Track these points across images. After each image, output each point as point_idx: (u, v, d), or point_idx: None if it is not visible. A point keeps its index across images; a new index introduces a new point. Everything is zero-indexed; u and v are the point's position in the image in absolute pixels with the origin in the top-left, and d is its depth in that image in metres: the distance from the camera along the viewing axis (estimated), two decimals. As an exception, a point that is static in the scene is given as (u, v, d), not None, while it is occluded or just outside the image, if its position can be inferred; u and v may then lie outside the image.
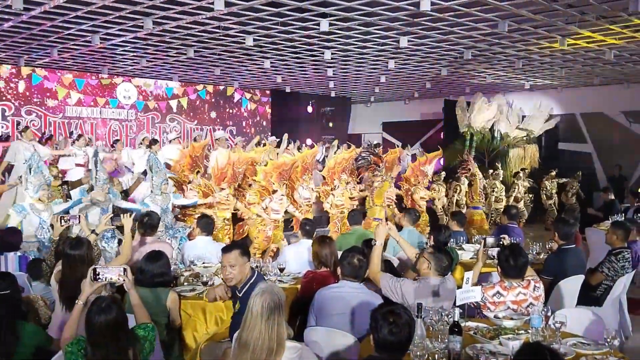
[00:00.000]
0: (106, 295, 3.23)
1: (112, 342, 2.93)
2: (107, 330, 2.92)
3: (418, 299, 3.93)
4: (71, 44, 10.41)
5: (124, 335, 3.01)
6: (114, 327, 2.93)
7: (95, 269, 3.51)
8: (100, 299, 3.05)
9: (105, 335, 2.91)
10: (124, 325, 3.03)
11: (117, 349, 2.94)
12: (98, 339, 2.92)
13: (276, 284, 3.13)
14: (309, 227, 5.82)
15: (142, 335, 3.16)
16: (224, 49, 10.88)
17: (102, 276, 3.49)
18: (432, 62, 11.97)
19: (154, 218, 5.69)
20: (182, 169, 8.59)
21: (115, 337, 2.94)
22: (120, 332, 2.97)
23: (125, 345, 2.98)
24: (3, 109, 12.77)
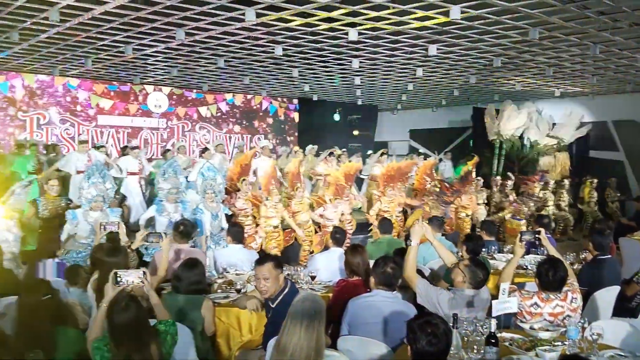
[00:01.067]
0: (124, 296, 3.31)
1: (134, 338, 3.03)
2: (129, 328, 3.02)
3: (452, 310, 3.92)
4: (105, 55, 10.63)
5: (145, 331, 3.11)
6: (135, 324, 3.04)
7: (117, 272, 3.61)
8: (119, 299, 3.15)
9: (127, 333, 3.02)
10: (145, 321, 3.14)
11: (139, 345, 3.03)
12: (120, 337, 3.02)
13: (316, 294, 3.14)
14: (339, 235, 5.85)
15: (162, 330, 3.26)
16: (254, 59, 11.00)
17: (123, 279, 3.60)
18: (460, 69, 11.91)
19: (189, 226, 5.78)
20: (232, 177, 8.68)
21: (136, 333, 3.04)
22: (141, 328, 3.08)
23: (147, 340, 3.07)
24: (38, 117, 13.07)
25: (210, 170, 7.64)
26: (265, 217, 8.01)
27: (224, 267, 5.66)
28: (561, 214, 12.23)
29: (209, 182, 7.51)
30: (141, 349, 3.00)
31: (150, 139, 14.63)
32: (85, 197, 6.57)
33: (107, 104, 13.97)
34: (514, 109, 14.47)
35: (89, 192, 6.56)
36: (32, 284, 3.59)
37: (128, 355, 2.96)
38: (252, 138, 16.42)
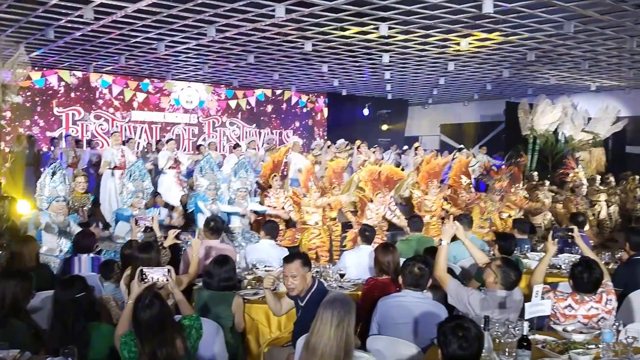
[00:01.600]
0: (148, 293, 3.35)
1: (159, 334, 3.07)
2: (153, 324, 3.06)
3: (484, 311, 3.87)
4: (138, 51, 10.79)
5: (170, 326, 3.15)
6: (159, 320, 3.08)
7: (142, 269, 3.66)
8: (143, 296, 3.20)
9: (151, 329, 3.06)
10: (169, 317, 3.18)
11: (163, 340, 3.07)
12: (145, 333, 3.06)
13: (346, 294, 3.14)
14: (368, 232, 5.82)
15: (187, 325, 3.30)
16: (283, 54, 11.03)
17: (149, 276, 3.64)
18: (493, 64, 11.75)
19: (219, 222, 5.84)
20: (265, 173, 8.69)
21: (161, 329, 3.08)
22: (165, 324, 3.11)
23: (172, 336, 3.11)
24: (73, 113, 13.33)
25: (243, 168, 7.69)
26: (305, 214, 7.93)
27: (253, 263, 5.69)
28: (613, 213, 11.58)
29: (243, 180, 7.56)
30: (166, 344, 3.04)
31: (181, 135, 14.80)
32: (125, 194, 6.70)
33: (140, 99, 14.18)
34: (548, 104, 14.19)
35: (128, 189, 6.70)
36: (67, 280, 3.64)
37: (153, 350, 3.01)
38: (282, 133, 16.46)
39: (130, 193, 6.72)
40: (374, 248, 5.33)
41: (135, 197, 6.73)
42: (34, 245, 4.98)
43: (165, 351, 3.03)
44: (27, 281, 3.72)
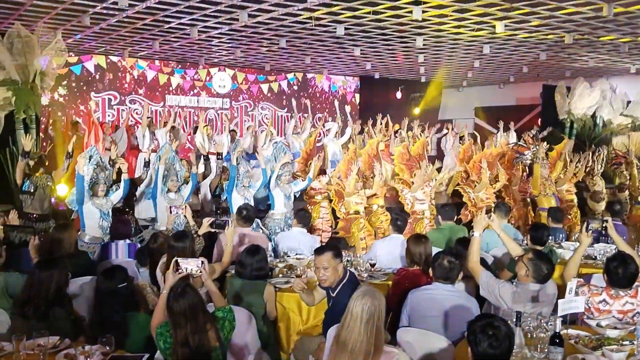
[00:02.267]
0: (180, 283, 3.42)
1: (192, 321, 3.14)
2: (186, 313, 3.13)
3: (515, 304, 3.85)
4: (171, 37, 10.87)
5: (202, 316, 3.21)
6: (191, 309, 3.15)
7: (177, 260, 3.72)
8: (176, 286, 3.28)
9: (185, 316, 3.13)
10: (201, 306, 3.25)
11: (196, 327, 3.14)
12: (179, 320, 3.13)
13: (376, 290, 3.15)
14: (400, 222, 5.80)
15: (220, 317, 3.36)
16: (315, 39, 10.98)
17: (183, 267, 3.70)
18: (530, 46, 11.48)
19: (251, 211, 5.91)
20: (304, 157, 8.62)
21: (194, 317, 3.15)
22: (198, 312, 3.18)
23: (204, 325, 3.18)
24: (109, 98, 13.55)
25: (282, 151, 7.69)
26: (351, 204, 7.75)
27: (284, 250, 5.74)
28: None
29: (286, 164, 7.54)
30: (198, 332, 3.12)
31: (215, 119, 14.91)
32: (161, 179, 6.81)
33: (173, 84, 14.31)
34: (586, 87, 13.84)
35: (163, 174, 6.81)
36: (109, 270, 3.73)
37: (186, 337, 3.09)
38: (314, 118, 16.42)
39: (164, 177, 6.82)
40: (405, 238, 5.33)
41: (170, 180, 6.84)
42: (73, 232, 5.12)
43: (198, 339, 3.11)
44: (66, 269, 3.84)
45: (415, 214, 7.85)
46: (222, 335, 3.25)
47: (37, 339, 3.19)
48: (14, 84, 8.07)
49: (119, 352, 3.25)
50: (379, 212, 8.10)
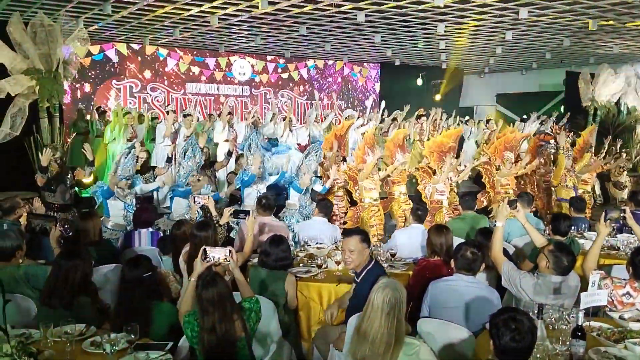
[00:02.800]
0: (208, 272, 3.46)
1: (219, 310, 3.17)
2: (215, 300, 3.17)
3: (537, 296, 3.83)
4: (192, 24, 10.90)
5: (229, 304, 3.24)
6: (219, 298, 3.19)
7: (205, 249, 3.77)
8: (204, 275, 3.32)
9: (213, 305, 3.17)
10: (229, 295, 3.28)
11: (224, 316, 3.18)
12: (207, 308, 3.18)
13: (397, 281, 3.16)
14: (421, 212, 5.78)
15: (247, 307, 3.39)
16: (335, 25, 10.92)
17: (210, 256, 3.75)
18: (553, 32, 11.31)
19: (271, 200, 5.93)
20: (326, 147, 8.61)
21: (221, 306, 3.19)
22: (225, 301, 3.22)
23: (231, 314, 3.21)
24: (131, 86, 13.65)
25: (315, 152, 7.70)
26: (363, 190, 7.73)
27: (305, 240, 5.76)
28: None
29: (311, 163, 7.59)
30: (225, 321, 3.16)
31: (234, 106, 14.96)
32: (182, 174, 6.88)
33: (194, 72, 14.37)
34: (610, 73, 13.54)
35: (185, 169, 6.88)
36: (134, 260, 3.79)
37: (213, 325, 3.14)
38: (334, 105, 16.36)
39: (187, 172, 6.89)
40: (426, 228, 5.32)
41: (191, 175, 6.90)
42: (98, 220, 5.19)
43: (224, 327, 3.15)
44: (90, 258, 3.90)
45: (433, 204, 7.83)
46: (248, 326, 3.28)
47: (64, 327, 3.26)
48: (38, 73, 8.14)
49: (143, 340, 3.30)
50: (400, 199, 8.08)
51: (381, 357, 2.93)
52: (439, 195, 7.81)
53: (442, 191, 7.82)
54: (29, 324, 3.64)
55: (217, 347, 3.13)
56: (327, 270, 4.92)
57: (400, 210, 7.91)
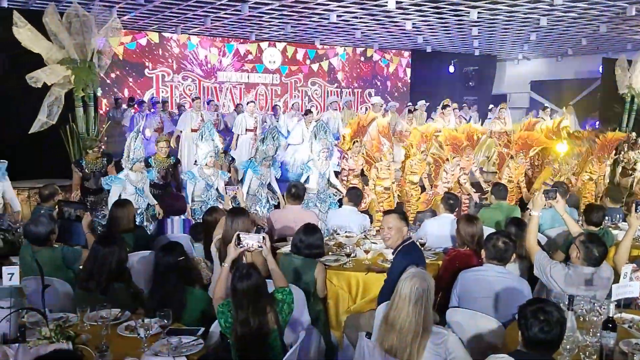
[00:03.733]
0: (245, 264, 3.49)
1: (253, 303, 3.21)
2: (249, 293, 3.20)
3: (568, 287, 3.79)
4: (223, 13, 10.97)
5: (263, 298, 3.27)
6: (254, 290, 3.22)
7: (239, 234, 3.81)
8: (241, 267, 3.34)
9: (247, 298, 3.20)
10: (263, 288, 3.30)
11: (257, 310, 3.21)
12: (241, 301, 3.21)
13: (425, 271, 3.17)
14: (452, 201, 5.74)
15: (280, 299, 3.40)
16: (366, 12, 10.86)
17: (244, 242, 3.78)
18: (589, 18, 11.04)
19: (300, 188, 5.96)
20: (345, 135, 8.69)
21: (255, 299, 3.22)
22: (259, 294, 3.25)
23: (264, 307, 3.24)
24: (162, 74, 13.83)
25: (322, 129, 7.72)
26: (377, 178, 7.90)
27: (334, 228, 5.79)
28: None
29: (324, 141, 7.59)
30: (259, 314, 3.20)
31: (265, 95, 15.03)
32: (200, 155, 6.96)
33: (224, 60, 14.47)
34: (648, 60, 13.15)
35: (202, 150, 6.95)
36: (168, 245, 3.87)
37: (246, 318, 3.18)
38: (363, 93, 16.34)
39: (205, 154, 6.96)
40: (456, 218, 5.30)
41: (209, 157, 6.97)
42: (131, 208, 5.30)
43: (258, 321, 3.19)
44: (125, 244, 4.00)
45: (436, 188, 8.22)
46: (281, 319, 3.31)
47: (100, 311, 3.36)
48: (73, 62, 8.31)
49: (175, 325, 3.38)
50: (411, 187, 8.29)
51: (409, 346, 2.95)
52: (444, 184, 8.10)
53: (447, 181, 8.12)
54: (66, 308, 3.77)
55: (249, 339, 3.18)
56: (355, 259, 4.93)
57: (408, 196, 8.24)
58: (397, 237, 4.22)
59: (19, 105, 8.41)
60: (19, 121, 8.27)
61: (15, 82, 8.07)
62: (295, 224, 5.01)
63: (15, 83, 8.10)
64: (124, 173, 6.63)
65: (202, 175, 6.91)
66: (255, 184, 7.13)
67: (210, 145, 6.97)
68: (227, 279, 3.66)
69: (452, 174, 8.12)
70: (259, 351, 3.20)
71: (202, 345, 3.16)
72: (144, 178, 6.76)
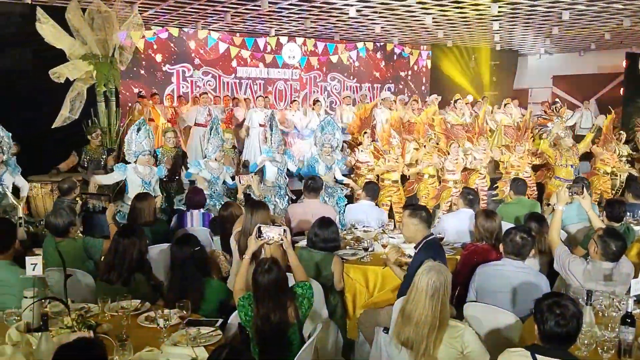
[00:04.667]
0: (268, 258, 3.52)
1: (274, 298, 3.24)
2: (270, 288, 3.23)
3: (587, 282, 3.77)
4: (242, 8, 11.00)
5: (284, 293, 3.30)
6: (276, 285, 3.24)
7: (260, 227, 3.83)
8: (263, 261, 3.37)
9: (269, 292, 3.23)
10: (284, 283, 3.33)
11: (278, 304, 3.24)
12: (263, 295, 3.24)
13: (442, 265, 3.17)
14: (472, 196, 5.72)
15: (300, 293, 3.42)
16: (386, 7, 10.81)
17: (265, 235, 3.80)
18: (613, 12, 10.85)
19: (318, 182, 5.99)
20: (353, 131, 8.78)
21: (277, 293, 3.25)
22: (280, 289, 3.27)
23: (285, 302, 3.27)
24: (183, 70, 13.92)
25: (329, 125, 7.80)
26: (384, 171, 7.98)
27: (352, 223, 5.80)
28: None
29: (328, 136, 7.69)
30: (279, 310, 3.23)
31: (284, 90, 15.06)
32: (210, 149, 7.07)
33: (244, 55, 14.52)
34: (673, 54, 12.95)
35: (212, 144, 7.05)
36: (182, 238, 3.93)
37: (267, 313, 3.21)
38: (382, 87, 16.28)
39: (215, 147, 7.07)
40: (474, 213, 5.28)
41: (219, 150, 7.08)
42: (152, 202, 5.38)
43: (279, 315, 3.22)
44: (145, 236, 4.07)
45: (444, 183, 8.30)
46: (300, 313, 3.34)
47: (121, 302, 3.42)
48: (95, 58, 8.43)
49: (194, 316, 3.43)
50: (428, 181, 8.34)
51: (425, 339, 2.96)
52: (449, 174, 8.21)
53: (453, 171, 8.22)
54: (87, 299, 3.84)
55: (269, 333, 3.22)
56: (373, 253, 4.95)
57: (425, 191, 8.28)
58: (409, 234, 4.27)
59: (43, 100, 8.56)
60: (42, 116, 8.43)
61: (39, 77, 8.22)
62: (312, 219, 5.04)
63: (39, 78, 8.25)
64: (132, 166, 6.73)
65: (207, 167, 7.02)
66: (272, 172, 7.21)
67: (218, 139, 7.10)
68: (246, 271, 3.70)
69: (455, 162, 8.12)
70: (278, 345, 3.23)
71: (221, 336, 3.20)
72: (152, 172, 6.84)
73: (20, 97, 8.73)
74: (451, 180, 8.19)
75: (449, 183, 8.19)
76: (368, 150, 8.33)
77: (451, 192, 8.11)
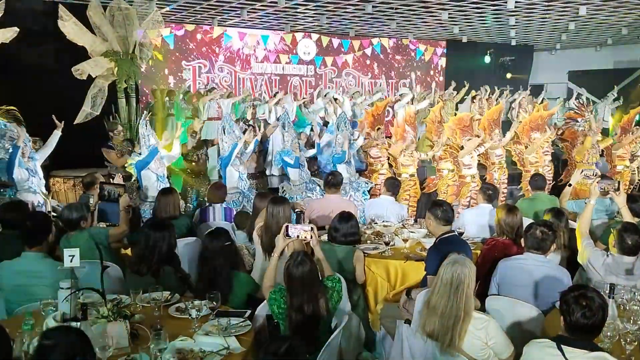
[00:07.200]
0: (300, 251, 3.60)
1: (307, 290, 3.33)
2: (302, 281, 3.32)
3: (607, 275, 3.82)
4: (259, 5, 11.07)
5: (316, 285, 3.39)
6: (309, 277, 3.34)
7: (288, 225, 3.92)
8: (296, 254, 3.46)
9: (302, 284, 3.32)
10: (315, 276, 3.42)
11: (310, 296, 3.33)
12: (296, 287, 3.33)
13: (467, 258, 3.23)
14: (491, 192, 5.75)
15: (330, 286, 3.52)
16: (402, 3, 10.83)
17: (292, 233, 3.88)
18: (630, 7, 10.80)
19: (338, 177, 6.05)
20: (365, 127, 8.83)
21: (309, 286, 3.35)
22: (312, 282, 3.37)
23: (317, 294, 3.36)
24: (199, 66, 14.02)
25: (343, 121, 7.89)
26: (401, 165, 8.02)
27: (372, 218, 5.87)
28: None
29: (345, 133, 7.77)
30: (312, 301, 3.33)
31: (299, 86, 15.12)
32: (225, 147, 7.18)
33: (260, 51, 14.59)
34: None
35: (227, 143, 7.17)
36: (215, 231, 4.02)
37: (301, 304, 3.31)
38: (398, 83, 16.29)
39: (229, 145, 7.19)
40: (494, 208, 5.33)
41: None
42: (177, 196, 5.47)
43: (312, 307, 3.32)
44: (174, 230, 4.16)
45: (462, 179, 8.22)
46: (330, 306, 3.43)
47: (152, 294, 3.52)
48: (116, 55, 8.56)
49: (223, 308, 3.51)
50: (448, 177, 8.30)
51: (450, 330, 3.03)
52: (466, 169, 8.16)
53: (469, 165, 8.15)
54: (117, 291, 3.94)
55: (303, 325, 3.31)
56: (394, 247, 5.02)
57: (445, 186, 8.23)
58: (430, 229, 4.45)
59: (67, 96, 8.69)
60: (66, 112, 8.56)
61: (62, 73, 8.35)
62: (333, 214, 5.11)
63: (61, 74, 8.38)
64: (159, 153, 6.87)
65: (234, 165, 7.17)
66: (294, 173, 7.32)
67: (232, 137, 7.21)
68: (275, 269, 3.80)
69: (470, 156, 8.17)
70: (311, 336, 3.31)
71: (250, 327, 3.28)
72: (162, 165, 6.94)
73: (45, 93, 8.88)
74: (469, 175, 8.17)
75: (466, 178, 8.19)
76: (381, 146, 8.35)
77: (470, 187, 8.13)
